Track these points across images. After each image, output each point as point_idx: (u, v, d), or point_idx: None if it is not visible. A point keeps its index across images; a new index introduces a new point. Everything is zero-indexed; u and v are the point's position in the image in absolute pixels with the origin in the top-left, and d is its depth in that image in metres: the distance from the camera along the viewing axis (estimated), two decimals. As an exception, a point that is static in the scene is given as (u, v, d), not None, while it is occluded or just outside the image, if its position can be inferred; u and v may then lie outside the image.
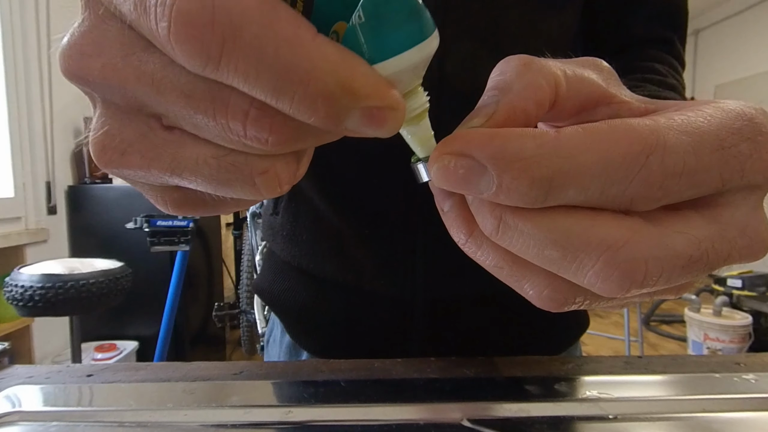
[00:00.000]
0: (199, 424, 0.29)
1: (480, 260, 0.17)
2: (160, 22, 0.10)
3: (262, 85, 0.11)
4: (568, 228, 0.13)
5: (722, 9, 4.20)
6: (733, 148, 0.13)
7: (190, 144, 0.13)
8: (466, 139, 0.14)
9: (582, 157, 0.13)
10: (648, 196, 0.13)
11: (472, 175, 0.13)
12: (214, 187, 0.14)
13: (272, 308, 0.49)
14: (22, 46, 1.73)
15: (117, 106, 0.13)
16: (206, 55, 0.10)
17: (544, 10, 0.38)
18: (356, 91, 0.11)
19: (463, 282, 0.42)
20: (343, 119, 0.11)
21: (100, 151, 0.14)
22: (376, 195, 0.41)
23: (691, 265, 0.13)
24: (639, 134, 0.13)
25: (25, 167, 1.74)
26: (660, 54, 0.42)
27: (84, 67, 0.12)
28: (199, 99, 0.12)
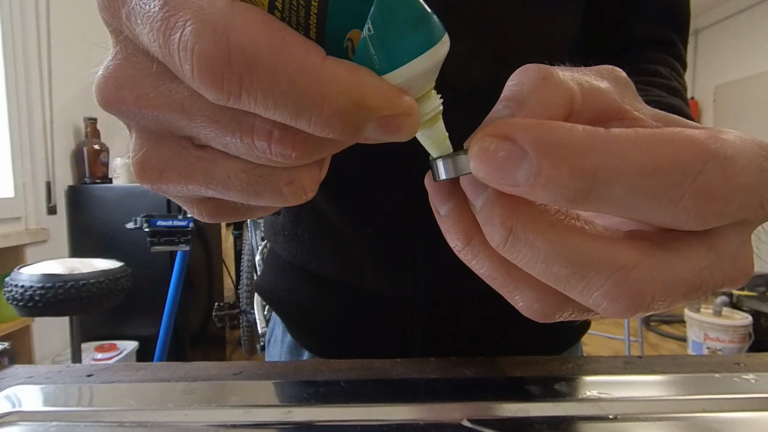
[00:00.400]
0: (199, 424, 0.29)
1: (474, 268, 0.17)
2: (183, 64, 0.11)
3: (281, 112, 0.12)
4: (579, 245, 0.13)
5: (722, 9, 4.20)
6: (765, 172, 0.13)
7: (221, 160, 0.14)
8: (510, 124, 0.13)
9: (633, 154, 0.12)
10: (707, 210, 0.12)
11: (511, 160, 0.13)
12: (245, 198, 0.15)
13: (273, 307, 0.49)
14: (22, 46, 1.73)
15: (151, 131, 0.14)
16: (227, 91, 0.11)
17: (545, 9, 0.38)
18: (368, 105, 0.12)
19: (464, 282, 0.42)
20: (361, 131, 0.12)
21: (140, 171, 0.15)
22: (377, 195, 0.41)
23: (692, 292, 0.13)
24: (698, 139, 0.12)
25: (25, 167, 1.74)
26: (662, 56, 0.42)
27: (120, 98, 0.14)
28: (226, 124, 0.13)
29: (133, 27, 0.13)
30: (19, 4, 1.71)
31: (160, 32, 0.12)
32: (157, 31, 0.12)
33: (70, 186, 1.94)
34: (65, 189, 1.93)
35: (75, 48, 2.01)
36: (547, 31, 0.39)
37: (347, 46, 0.12)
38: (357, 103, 0.12)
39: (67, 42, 1.93)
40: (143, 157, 0.15)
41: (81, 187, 1.95)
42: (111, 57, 0.14)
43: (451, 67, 0.17)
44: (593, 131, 0.12)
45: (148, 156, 0.15)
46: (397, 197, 0.40)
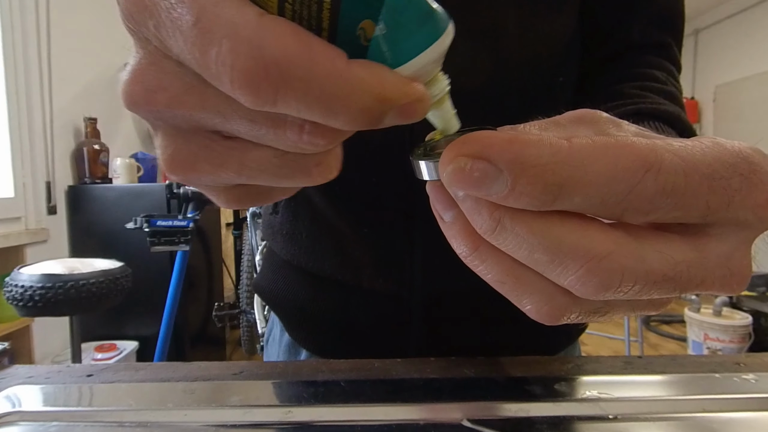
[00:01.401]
0: (199, 424, 0.29)
1: (481, 273, 0.17)
2: (222, 77, 0.12)
3: (312, 113, 0.13)
4: (559, 236, 0.14)
5: (722, 9, 4.20)
6: (723, 180, 0.14)
7: (252, 149, 0.15)
8: (483, 143, 0.14)
9: (591, 167, 0.14)
10: (638, 209, 0.14)
11: (486, 178, 0.14)
12: (277, 181, 0.16)
13: (272, 307, 0.49)
14: (22, 46, 1.72)
15: (180, 128, 0.15)
16: (263, 99, 0.12)
17: (543, 11, 0.38)
18: (389, 98, 0.13)
19: (462, 281, 0.42)
20: (381, 120, 0.13)
21: (171, 166, 0.16)
22: (375, 194, 0.41)
23: (664, 282, 0.14)
24: (641, 151, 0.14)
25: (25, 167, 1.74)
26: (657, 60, 0.42)
27: (150, 100, 0.14)
28: (260, 122, 0.14)
29: (164, 38, 0.13)
30: (19, 4, 1.71)
31: (195, 47, 0.12)
32: (192, 46, 0.12)
33: (70, 186, 1.94)
34: (65, 189, 1.93)
35: (75, 48, 2.01)
36: (544, 33, 0.39)
37: (359, 35, 0.14)
38: (379, 98, 0.13)
39: (67, 42, 1.93)
40: (174, 153, 0.15)
41: (81, 187, 1.95)
42: (135, 61, 0.14)
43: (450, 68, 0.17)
44: (559, 146, 0.14)
45: (178, 151, 0.15)
46: (394, 196, 0.40)
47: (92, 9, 2.12)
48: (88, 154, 1.97)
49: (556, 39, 0.40)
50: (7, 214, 1.66)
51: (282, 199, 0.20)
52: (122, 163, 2.01)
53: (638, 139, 0.14)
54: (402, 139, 0.38)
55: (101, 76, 2.20)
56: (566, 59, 0.42)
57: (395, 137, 0.38)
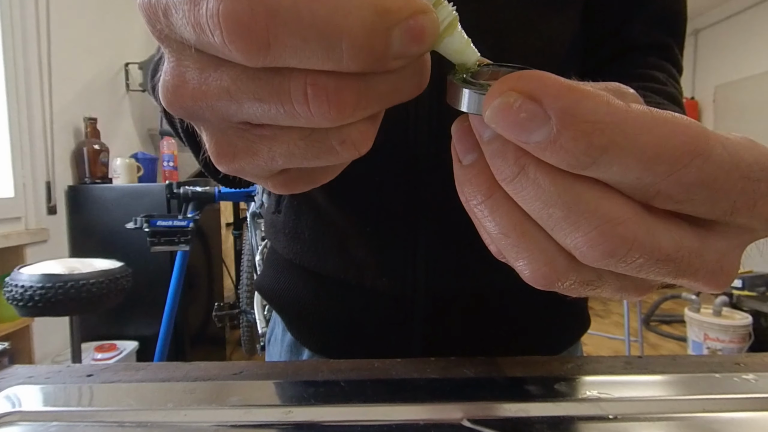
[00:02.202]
0: (199, 424, 0.29)
1: (487, 224, 0.17)
2: (214, 32, 0.12)
3: (312, 49, 0.12)
4: (580, 193, 0.14)
5: (722, 9, 4.20)
6: (755, 182, 0.14)
7: (279, 134, 0.15)
8: (541, 82, 0.13)
9: (642, 137, 0.13)
10: (671, 196, 0.13)
11: (532, 122, 0.13)
12: (307, 162, 0.16)
13: (274, 306, 0.50)
14: (22, 46, 1.72)
15: (213, 123, 0.16)
16: (257, 44, 0.12)
17: (543, 10, 0.39)
18: (389, 8, 0.12)
19: (464, 281, 0.42)
20: (390, 45, 0.13)
21: (217, 158, 0.17)
22: (378, 193, 0.41)
23: (666, 262, 0.14)
24: (696, 135, 0.13)
25: (25, 167, 1.74)
26: (658, 61, 0.42)
27: (179, 98, 0.15)
28: (267, 99, 0.14)
29: (171, 22, 0.14)
30: (19, 4, 1.71)
31: (190, 12, 0.12)
32: (188, 12, 0.13)
33: (70, 186, 1.94)
34: (65, 189, 1.93)
35: (75, 48, 2.01)
36: (546, 32, 0.39)
37: None
38: (378, 10, 0.12)
39: (67, 42, 1.93)
40: (215, 146, 0.16)
41: (81, 187, 1.95)
42: (165, 63, 0.15)
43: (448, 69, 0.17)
44: (617, 107, 0.13)
45: (219, 145, 0.16)
46: (397, 196, 0.40)
47: (92, 9, 2.12)
48: (88, 154, 1.97)
49: (558, 39, 0.40)
50: (7, 214, 1.66)
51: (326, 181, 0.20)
52: (122, 163, 2.01)
53: (694, 122, 0.13)
54: (406, 137, 0.38)
55: (101, 76, 2.20)
56: (569, 59, 0.42)
57: (399, 136, 0.38)
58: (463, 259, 0.41)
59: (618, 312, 3.42)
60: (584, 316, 0.50)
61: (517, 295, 0.44)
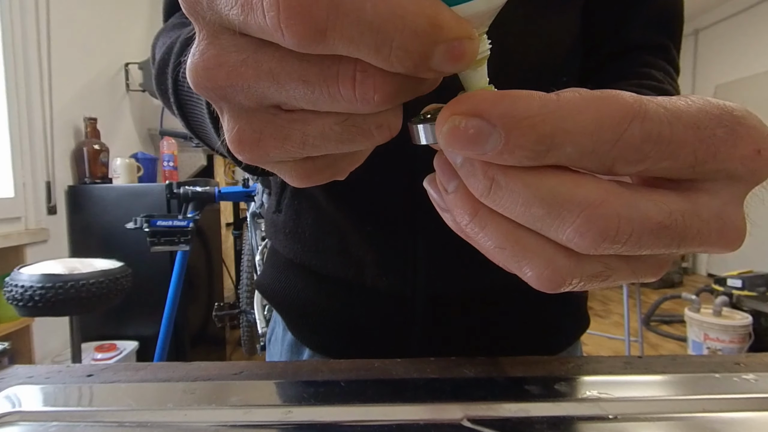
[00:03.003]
0: (199, 424, 0.29)
1: (481, 241, 0.17)
2: (268, 13, 0.12)
3: (366, 42, 0.12)
4: (553, 187, 0.15)
5: (722, 9, 4.20)
6: (708, 129, 0.14)
7: (313, 118, 0.15)
8: (476, 100, 0.14)
9: (580, 116, 0.14)
10: (627, 158, 0.14)
11: (481, 134, 0.14)
12: (340, 147, 0.16)
13: (274, 305, 0.50)
14: (22, 46, 1.72)
15: (241, 106, 0.16)
16: (314, 30, 0.12)
17: (544, 12, 0.39)
18: (442, 25, 0.13)
19: (464, 280, 0.42)
20: (431, 57, 0.13)
21: (238, 145, 0.16)
22: (378, 192, 0.41)
23: (661, 230, 0.14)
24: (626, 101, 0.14)
25: (25, 167, 1.74)
26: (656, 60, 0.42)
27: (211, 78, 0.15)
28: (314, 81, 0.14)
29: (214, 2, 0.14)
30: (19, 4, 1.71)
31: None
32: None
33: (70, 186, 1.94)
34: (65, 189, 1.93)
35: (75, 48, 2.01)
36: (546, 34, 0.39)
37: None
38: (433, 23, 0.13)
39: (67, 42, 1.93)
40: (239, 131, 0.16)
41: (81, 187, 1.95)
42: (196, 44, 0.15)
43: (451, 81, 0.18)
44: (548, 99, 0.14)
45: (243, 130, 0.16)
46: (398, 195, 0.40)
47: (92, 9, 2.12)
48: (88, 154, 1.97)
49: (559, 39, 0.40)
50: (7, 214, 1.66)
51: (347, 172, 0.20)
52: (122, 163, 2.01)
53: (623, 92, 0.14)
54: (406, 138, 0.38)
55: (101, 76, 2.20)
56: (570, 59, 0.42)
57: (399, 136, 0.38)
58: (463, 258, 0.41)
59: (618, 312, 3.42)
60: (584, 316, 0.50)
61: (517, 294, 0.44)
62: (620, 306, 3.10)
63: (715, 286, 2.79)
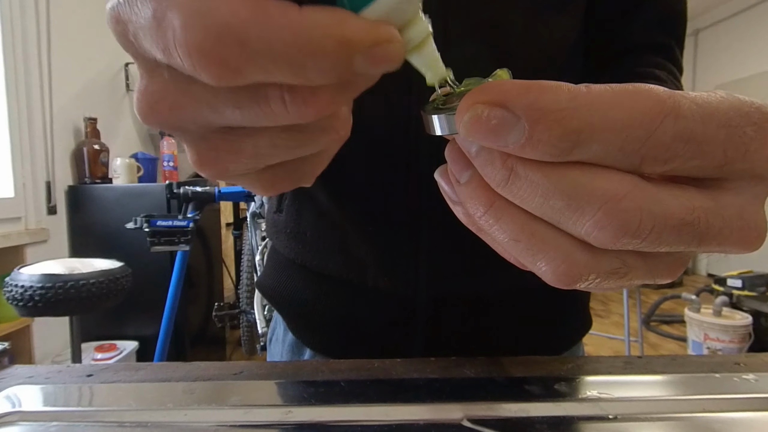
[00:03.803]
0: (199, 424, 0.29)
1: (495, 234, 0.17)
2: (184, 60, 0.12)
3: (280, 70, 0.13)
4: (574, 179, 0.14)
5: (722, 9, 4.20)
6: (738, 128, 0.14)
7: (260, 132, 0.16)
8: (500, 89, 0.14)
9: (610, 112, 0.13)
10: (657, 157, 0.14)
11: (504, 126, 0.14)
12: (293, 153, 0.17)
13: (275, 306, 0.50)
14: (22, 46, 1.72)
15: (194, 133, 0.16)
16: (228, 69, 0.12)
17: (546, 11, 0.39)
18: (351, 40, 0.12)
19: (466, 280, 0.42)
20: (353, 67, 0.13)
21: (199, 165, 0.17)
22: (379, 192, 0.41)
23: (683, 227, 0.14)
24: (659, 97, 0.14)
25: (25, 167, 1.74)
26: (659, 60, 0.42)
27: (156, 113, 0.15)
28: (246, 105, 0.14)
29: (141, 43, 0.14)
30: (19, 4, 1.71)
31: (158, 38, 0.13)
32: (155, 38, 0.13)
33: (70, 186, 1.94)
34: (65, 189, 1.93)
35: (75, 48, 2.01)
36: (548, 33, 0.39)
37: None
38: (340, 41, 0.12)
39: (67, 42, 1.93)
40: (198, 153, 0.17)
41: (81, 187, 1.95)
42: (140, 78, 0.15)
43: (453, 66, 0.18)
44: (577, 91, 0.14)
45: (201, 151, 0.17)
46: (399, 195, 0.40)
47: (92, 9, 2.12)
48: (88, 154, 1.97)
49: (561, 39, 0.40)
50: (7, 214, 1.66)
51: (313, 177, 0.20)
52: (122, 163, 2.01)
53: (656, 87, 0.14)
54: (407, 136, 0.38)
55: (101, 76, 2.20)
56: (571, 60, 0.42)
57: (400, 135, 0.38)
58: (465, 258, 0.41)
59: (618, 312, 3.42)
60: (586, 317, 0.50)
61: (519, 294, 0.44)
62: (620, 306, 3.10)
63: (715, 286, 2.79)
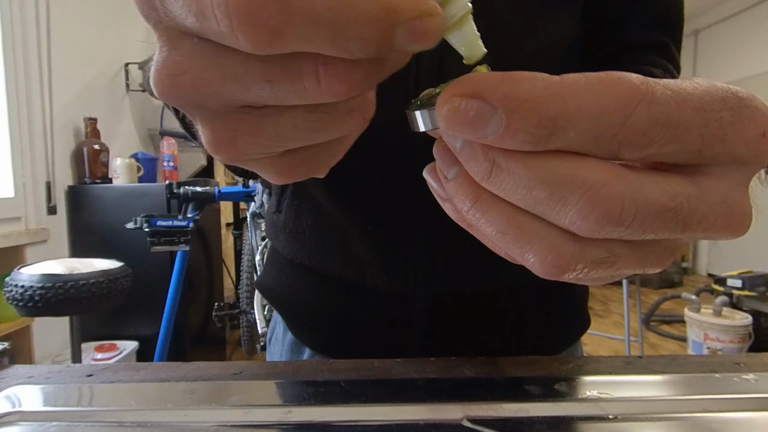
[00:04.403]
0: (199, 424, 0.29)
1: (483, 228, 0.17)
2: (221, 21, 0.12)
3: (322, 37, 0.12)
4: (555, 169, 0.14)
5: (722, 9, 4.20)
6: (714, 113, 0.14)
7: (283, 111, 0.15)
8: (476, 81, 0.14)
9: (584, 98, 0.14)
10: (633, 142, 0.14)
11: (481, 117, 0.14)
12: (314, 137, 0.16)
13: (275, 305, 0.50)
14: (22, 46, 1.72)
15: (212, 110, 0.16)
16: (268, 33, 0.12)
17: (543, 11, 0.39)
18: (395, 8, 0.12)
19: (465, 279, 0.42)
20: (392, 39, 0.13)
21: (214, 147, 0.16)
22: (378, 192, 0.41)
23: (665, 213, 0.14)
24: (632, 84, 0.14)
25: (25, 167, 1.74)
26: (656, 59, 0.42)
27: (176, 87, 0.14)
28: (278, 80, 0.14)
29: (169, 10, 0.13)
30: (19, 4, 1.71)
31: (192, 1, 0.12)
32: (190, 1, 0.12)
33: (70, 186, 1.94)
34: (65, 189, 1.93)
35: (75, 48, 2.01)
36: (546, 33, 0.39)
37: None
38: (385, 8, 0.12)
39: (67, 42, 1.93)
40: (213, 134, 0.16)
41: (81, 187, 1.95)
42: (158, 51, 0.15)
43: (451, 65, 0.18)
44: (551, 80, 0.14)
45: (217, 132, 0.16)
46: (398, 195, 0.40)
47: (92, 9, 2.12)
48: (88, 154, 1.97)
49: (558, 40, 0.40)
50: (7, 214, 1.66)
51: (329, 167, 0.20)
52: (122, 163, 2.01)
53: (629, 74, 0.14)
54: (405, 136, 0.38)
55: (101, 76, 2.20)
56: (569, 59, 0.42)
57: (398, 135, 0.38)
58: (463, 258, 0.41)
59: (618, 312, 3.42)
60: (584, 316, 0.50)
61: (517, 293, 0.44)
62: (620, 306, 3.10)
63: (715, 286, 2.79)
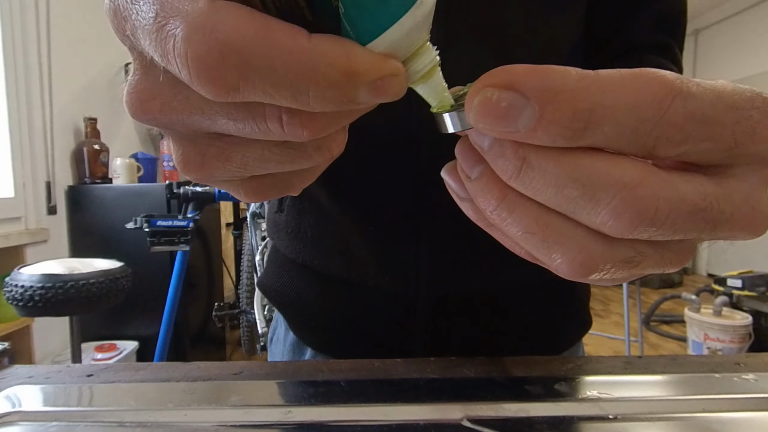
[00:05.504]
0: (199, 424, 0.29)
1: (508, 228, 0.16)
2: (182, 70, 0.12)
3: (281, 94, 0.12)
4: (588, 167, 0.14)
5: (722, 9, 4.20)
6: (745, 110, 0.14)
7: (251, 143, 0.15)
8: (509, 72, 0.14)
9: (620, 92, 0.13)
10: (670, 138, 0.14)
11: (514, 108, 0.14)
12: (282, 167, 0.16)
13: (276, 305, 0.50)
14: (22, 46, 1.72)
15: (182, 133, 0.16)
16: (226, 87, 0.12)
17: (547, 11, 0.39)
18: (356, 72, 0.12)
19: (467, 280, 0.42)
20: (355, 98, 0.13)
21: (183, 167, 0.17)
22: (380, 192, 0.41)
23: (697, 213, 0.14)
24: (668, 79, 0.14)
25: (25, 167, 1.74)
26: (659, 60, 0.42)
27: (146, 110, 0.15)
28: (241, 117, 0.14)
29: (138, 41, 0.13)
30: (19, 4, 1.71)
31: (157, 43, 0.12)
32: (155, 42, 0.12)
33: (70, 186, 1.94)
34: (65, 189, 1.93)
35: (75, 48, 2.00)
36: (549, 34, 0.39)
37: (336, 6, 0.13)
38: (345, 72, 0.12)
39: (67, 42, 1.93)
40: (183, 154, 0.16)
41: (81, 187, 1.95)
42: (132, 73, 0.15)
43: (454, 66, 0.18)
44: (585, 73, 0.14)
45: (187, 153, 0.16)
46: (400, 194, 0.40)
47: (92, 9, 2.11)
48: (88, 154, 1.97)
49: (561, 41, 0.40)
50: (7, 214, 1.66)
51: (300, 189, 0.20)
52: (122, 163, 2.01)
53: (664, 70, 0.14)
54: (409, 136, 0.38)
55: (101, 76, 2.20)
56: (572, 60, 0.42)
57: (401, 135, 0.38)
58: (466, 258, 0.41)
59: (618, 312, 3.42)
60: (586, 316, 0.50)
61: (520, 294, 0.44)
62: (620, 306, 3.10)
63: (715, 286, 2.79)
